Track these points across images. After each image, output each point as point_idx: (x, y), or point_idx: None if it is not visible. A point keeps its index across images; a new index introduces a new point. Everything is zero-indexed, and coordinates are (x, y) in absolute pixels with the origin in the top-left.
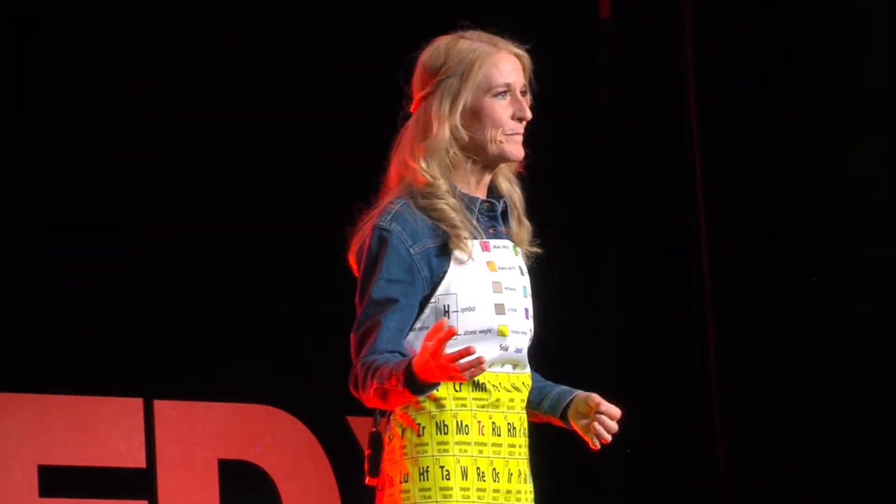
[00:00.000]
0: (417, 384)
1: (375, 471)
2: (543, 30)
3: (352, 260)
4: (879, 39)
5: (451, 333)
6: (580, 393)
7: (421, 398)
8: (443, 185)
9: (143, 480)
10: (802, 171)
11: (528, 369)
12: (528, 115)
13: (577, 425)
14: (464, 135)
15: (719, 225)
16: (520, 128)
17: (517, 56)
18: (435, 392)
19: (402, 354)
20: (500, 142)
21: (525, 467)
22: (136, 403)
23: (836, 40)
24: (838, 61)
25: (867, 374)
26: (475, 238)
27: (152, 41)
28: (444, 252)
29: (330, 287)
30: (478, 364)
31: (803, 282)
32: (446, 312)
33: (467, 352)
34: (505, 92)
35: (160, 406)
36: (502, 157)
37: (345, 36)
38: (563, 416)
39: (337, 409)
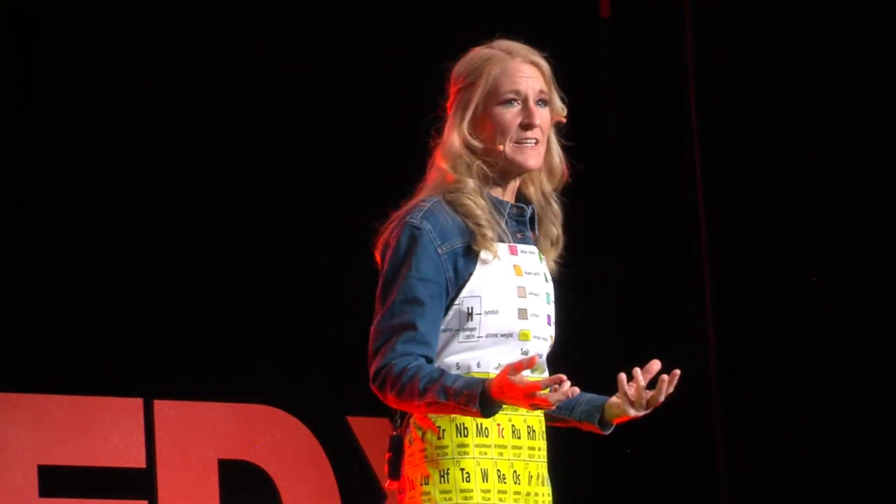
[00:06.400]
0: (490, 408)
1: (396, 474)
2: (543, 30)
3: (377, 254)
4: (880, 39)
5: (534, 362)
6: (613, 398)
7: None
8: (470, 183)
9: (143, 480)
10: (803, 171)
11: (546, 374)
12: (536, 122)
13: (620, 418)
14: (476, 143)
15: (719, 225)
16: (527, 135)
17: (533, 64)
18: None
19: (430, 359)
20: (508, 150)
21: (543, 470)
22: (136, 403)
23: (836, 40)
24: (838, 61)
25: (867, 374)
26: (503, 241)
27: (154, 35)
28: (470, 252)
29: (330, 288)
30: (562, 387)
31: (803, 282)
32: (469, 315)
33: (558, 379)
34: (513, 100)
35: (160, 406)
36: (513, 165)
37: (343, 37)
38: (602, 422)
39: (337, 409)
